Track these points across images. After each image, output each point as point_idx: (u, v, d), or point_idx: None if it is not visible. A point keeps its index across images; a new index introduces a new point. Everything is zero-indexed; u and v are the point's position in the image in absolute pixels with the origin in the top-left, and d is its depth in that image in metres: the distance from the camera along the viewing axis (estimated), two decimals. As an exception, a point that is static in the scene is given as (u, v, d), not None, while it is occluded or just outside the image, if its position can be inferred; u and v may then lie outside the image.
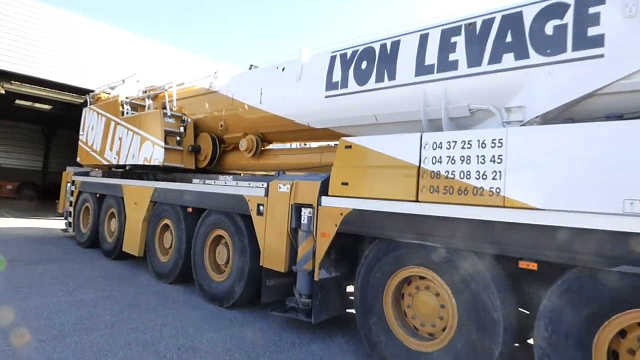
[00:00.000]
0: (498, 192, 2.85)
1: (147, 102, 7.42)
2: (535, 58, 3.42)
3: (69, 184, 9.92)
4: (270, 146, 6.67)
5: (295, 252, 4.30)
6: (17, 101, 17.31)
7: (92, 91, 10.18)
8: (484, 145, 2.98)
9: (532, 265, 2.69)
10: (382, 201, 3.50)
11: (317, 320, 4.02)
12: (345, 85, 4.78)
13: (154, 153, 6.57)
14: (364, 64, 4.65)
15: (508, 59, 3.57)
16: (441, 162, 3.19)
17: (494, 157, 2.92)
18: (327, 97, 4.95)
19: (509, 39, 3.60)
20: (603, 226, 2.41)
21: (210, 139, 6.80)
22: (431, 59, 4.07)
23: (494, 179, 2.89)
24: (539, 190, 2.69)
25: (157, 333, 4.07)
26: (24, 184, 23.20)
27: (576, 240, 2.50)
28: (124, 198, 7.36)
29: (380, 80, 4.45)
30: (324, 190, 4.05)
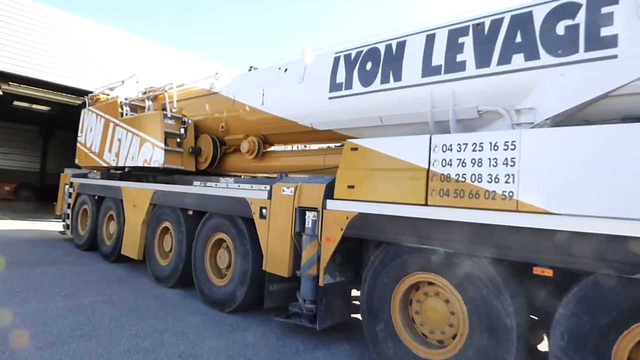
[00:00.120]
0: (511, 196, 2.77)
1: (147, 103, 7.32)
2: (546, 59, 3.35)
3: (66, 186, 9.79)
4: (272, 148, 6.59)
5: (299, 257, 4.21)
6: (15, 102, 17.23)
7: (90, 92, 10.07)
8: (496, 147, 2.90)
9: (547, 271, 2.61)
10: (389, 205, 3.41)
11: (322, 326, 3.93)
12: (349, 87, 4.70)
13: (153, 155, 6.48)
14: (369, 65, 4.57)
15: (518, 59, 3.50)
16: (451, 165, 3.11)
17: (506, 160, 2.84)
18: (330, 98, 4.87)
19: (518, 40, 3.53)
20: (622, 232, 2.32)
21: (211, 141, 6.72)
22: (438, 59, 4.00)
23: (506, 182, 2.81)
24: (554, 195, 2.61)
25: (157, 340, 3.97)
26: (22, 186, 23.09)
27: (594, 246, 2.42)
28: (123, 200, 7.25)
29: (385, 81, 4.38)
30: (329, 194, 3.96)
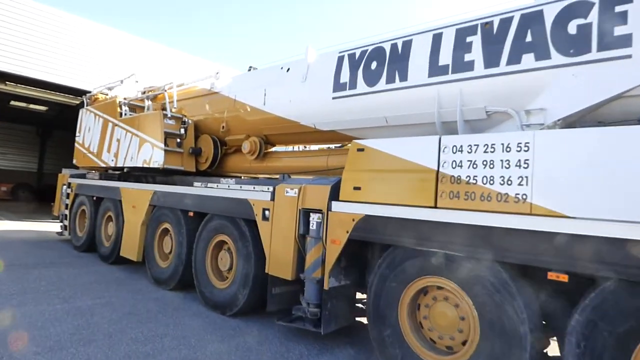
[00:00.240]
0: (524, 199, 2.70)
1: (146, 103, 7.22)
2: (558, 59, 3.28)
3: (64, 187, 9.66)
4: (274, 149, 6.50)
5: (302, 259, 4.12)
6: (12, 102, 17.07)
7: (88, 92, 9.96)
8: (508, 149, 2.83)
9: (562, 276, 2.53)
10: (397, 207, 3.33)
11: (326, 330, 3.84)
12: (353, 86, 4.63)
13: (153, 155, 6.38)
14: (374, 65, 4.50)
15: (528, 59, 3.43)
16: (462, 167, 3.04)
17: (519, 161, 2.77)
18: (334, 98, 4.80)
19: (528, 39, 3.46)
20: (640, 236, 2.25)
21: (212, 141, 6.63)
22: (445, 59, 3.92)
23: (519, 184, 2.74)
24: (569, 197, 2.53)
25: (158, 344, 3.88)
26: (19, 186, 22.91)
27: (611, 250, 2.34)
28: (122, 201, 7.15)
29: (391, 81, 4.30)
30: (334, 195, 3.88)
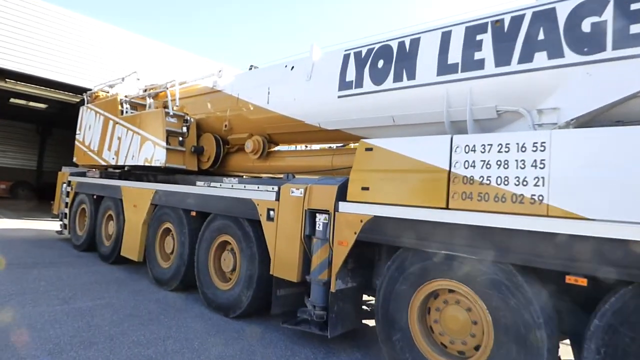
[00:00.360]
0: (541, 200, 2.62)
1: (148, 101, 7.14)
2: (571, 57, 3.21)
3: (64, 185, 9.57)
4: (277, 148, 6.42)
5: (308, 261, 4.04)
6: (12, 100, 16.97)
7: (89, 90, 9.87)
8: (524, 148, 2.75)
9: (581, 280, 2.45)
10: (407, 208, 3.25)
11: (333, 334, 3.76)
12: (360, 85, 4.55)
13: (155, 154, 6.30)
14: (381, 63, 4.42)
15: (540, 57, 3.36)
16: (474, 167, 2.96)
17: (535, 161, 2.69)
18: (340, 97, 4.72)
19: (541, 37, 3.38)
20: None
21: (214, 140, 6.55)
22: (455, 57, 3.85)
23: (535, 185, 2.66)
24: (588, 199, 2.46)
25: (160, 347, 3.79)
26: (18, 184, 22.79)
27: (632, 254, 2.27)
28: (123, 200, 7.06)
29: (398, 79, 4.23)
30: (341, 196, 3.80)
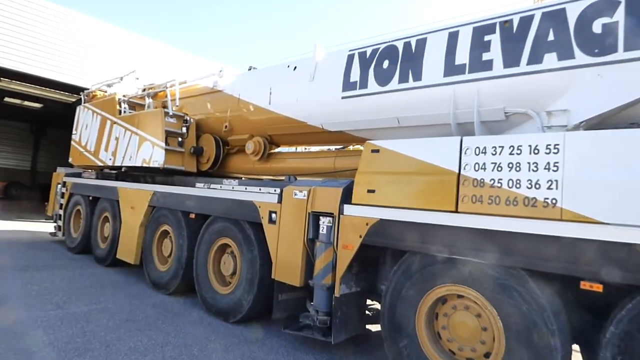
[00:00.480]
0: (554, 204, 2.55)
1: (147, 100, 7.03)
2: (582, 58, 3.15)
3: (59, 186, 9.41)
4: (278, 149, 6.33)
5: (311, 265, 3.95)
6: (6, 99, 16.78)
7: (86, 89, 9.73)
8: (536, 151, 2.69)
9: (597, 286, 2.39)
10: (414, 211, 3.18)
11: (337, 340, 3.66)
12: (364, 86, 4.47)
13: (153, 154, 6.18)
14: (386, 63, 4.35)
15: (550, 59, 3.30)
16: (485, 169, 2.89)
17: (548, 164, 2.62)
18: (344, 97, 4.65)
19: (551, 38, 3.33)
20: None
21: (214, 141, 6.44)
22: (462, 58, 3.79)
23: (549, 188, 2.59)
24: (603, 202, 2.40)
25: (158, 354, 3.68)
26: (11, 184, 22.51)
27: (651, 260, 2.21)
28: (120, 201, 6.94)
29: (404, 80, 4.16)
30: (346, 198, 3.72)
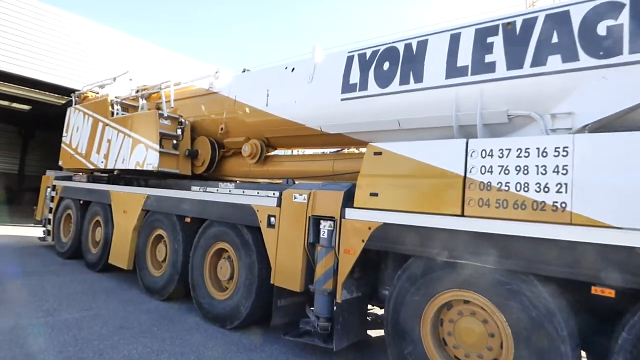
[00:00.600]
0: (564, 207, 2.51)
1: (141, 102, 6.89)
2: (586, 61, 3.14)
3: (48, 189, 9.20)
4: (275, 152, 6.24)
5: (312, 270, 3.87)
6: (-6, 100, 16.40)
7: (77, 90, 9.54)
8: (545, 153, 2.65)
9: (609, 291, 2.35)
10: (419, 215, 3.12)
11: (339, 346, 3.58)
12: (364, 88, 4.42)
13: (147, 157, 6.05)
14: (386, 65, 4.31)
15: (554, 61, 3.28)
16: (492, 172, 2.84)
17: (557, 167, 2.58)
18: (343, 99, 4.58)
19: (554, 40, 3.31)
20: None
21: (209, 143, 6.34)
22: (464, 60, 3.75)
23: (558, 192, 2.55)
24: (614, 206, 2.36)
25: (155, 362, 3.56)
26: (-2, 188, 21.99)
27: (664, 264, 2.17)
28: (112, 205, 6.78)
29: (405, 82, 4.11)
30: (347, 202, 3.65)
